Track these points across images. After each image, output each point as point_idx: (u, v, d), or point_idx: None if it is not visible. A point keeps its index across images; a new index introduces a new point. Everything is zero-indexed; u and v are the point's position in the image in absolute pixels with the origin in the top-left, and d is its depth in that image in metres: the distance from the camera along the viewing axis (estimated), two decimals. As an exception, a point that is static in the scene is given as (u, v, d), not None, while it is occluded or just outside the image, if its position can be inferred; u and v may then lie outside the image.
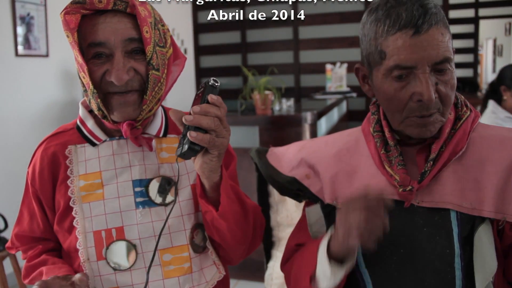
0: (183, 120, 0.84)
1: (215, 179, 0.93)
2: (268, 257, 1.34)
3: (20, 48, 3.41)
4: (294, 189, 1.07)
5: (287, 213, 1.28)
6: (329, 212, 1.03)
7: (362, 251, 0.94)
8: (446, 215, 0.91)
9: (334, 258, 0.89)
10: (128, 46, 0.92)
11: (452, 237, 0.90)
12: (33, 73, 3.53)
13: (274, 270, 1.33)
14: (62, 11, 0.91)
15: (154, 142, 1.03)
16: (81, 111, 1.05)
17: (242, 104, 3.28)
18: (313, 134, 3.10)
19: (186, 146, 0.85)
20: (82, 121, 1.04)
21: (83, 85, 0.95)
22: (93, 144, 1.01)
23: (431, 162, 0.92)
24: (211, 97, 0.86)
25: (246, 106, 3.26)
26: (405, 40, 0.86)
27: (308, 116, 3.04)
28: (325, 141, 1.12)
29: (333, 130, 3.87)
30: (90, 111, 1.05)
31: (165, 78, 0.97)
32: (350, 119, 5.52)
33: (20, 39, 3.41)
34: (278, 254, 1.31)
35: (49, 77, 3.67)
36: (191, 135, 0.83)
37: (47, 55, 3.66)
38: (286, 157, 1.13)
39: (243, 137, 3.15)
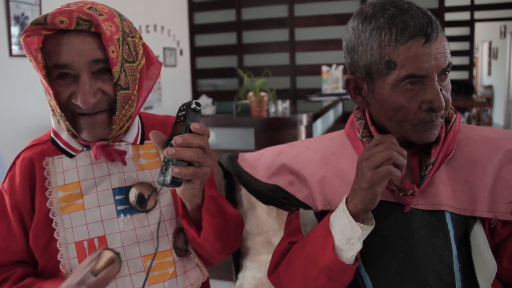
0: (165, 153, 0.82)
1: (197, 202, 0.93)
2: (237, 267, 1.32)
3: (14, 48, 3.39)
4: (278, 197, 1.05)
5: (256, 221, 1.25)
6: (322, 217, 1.02)
7: (361, 255, 0.93)
8: (442, 217, 0.92)
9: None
10: (94, 67, 0.89)
11: (449, 239, 0.91)
12: (27, 74, 3.51)
13: (244, 280, 1.31)
14: (22, 34, 0.86)
15: (131, 150, 1.01)
16: (54, 124, 1.01)
17: (238, 105, 3.27)
18: (309, 136, 3.09)
19: (168, 179, 0.82)
20: (56, 133, 1.01)
21: (50, 106, 0.92)
22: (70, 156, 0.98)
23: (431, 166, 0.92)
24: (194, 126, 0.82)
25: (242, 107, 3.25)
26: (417, 50, 0.85)
27: (304, 118, 3.04)
28: (305, 145, 1.11)
29: (329, 132, 3.84)
30: None
31: (136, 94, 0.95)
32: (346, 121, 5.50)
33: (14, 39, 3.39)
34: (247, 264, 1.29)
35: (44, 78, 3.66)
36: (174, 171, 0.80)
37: (41, 56, 3.64)
38: (261, 163, 1.12)
39: (238, 139, 3.14)
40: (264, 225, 1.19)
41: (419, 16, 0.86)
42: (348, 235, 0.86)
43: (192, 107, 0.83)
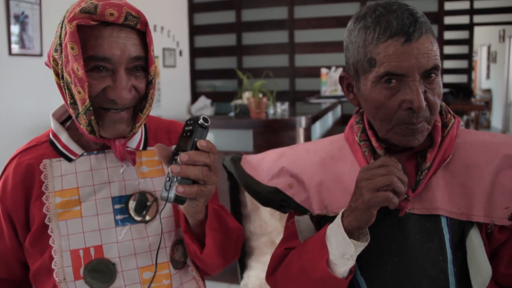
0: (169, 170, 0.79)
1: (200, 217, 0.91)
2: (242, 267, 1.33)
3: (14, 47, 3.39)
4: (277, 199, 1.05)
5: (260, 222, 1.27)
6: (319, 221, 1.02)
7: (357, 259, 0.93)
8: (437, 222, 0.91)
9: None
10: (131, 63, 0.87)
11: (444, 243, 0.90)
12: (27, 72, 3.51)
13: (249, 280, 1.32)
14: (73, 21, 0.83)
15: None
16: (53, 124, 0.98)
17: (237, 107, 3.27)
18: (307, 138, 3.09)
19: (172, 196, 0.80)
20: (55, 135, 0.97)
21: (71, 98, 0.88)
22: (69, 160, 0.95)
23: (426, 170, 0.92)
24: (200, 143, 0.80)
25: (241, 109, 3.25)
26: (396, 48, 0.85)
27: (303, 120, 3.04)
28: (306, 148, 1.11)
29: (328, 134, 3.86)
30: (62, 123, 1.00)
31: (154, 92, 0.94)
32: (344, 123, 5.52)
33: (14, 38, 3.39)
34: (252, 264, 1.30)
35: (43, 77, 3.65)
36: (178, 190, 0.78)
37: (41, 55, 3.63)
38: (263, 166, 1.12)
39: (236, 140, 3.14)
40: (268, 226, 1.21)
41: (403, 16, 0.86)
42: (342, 250, 0.87)
43: (199, 122, 0.81)
